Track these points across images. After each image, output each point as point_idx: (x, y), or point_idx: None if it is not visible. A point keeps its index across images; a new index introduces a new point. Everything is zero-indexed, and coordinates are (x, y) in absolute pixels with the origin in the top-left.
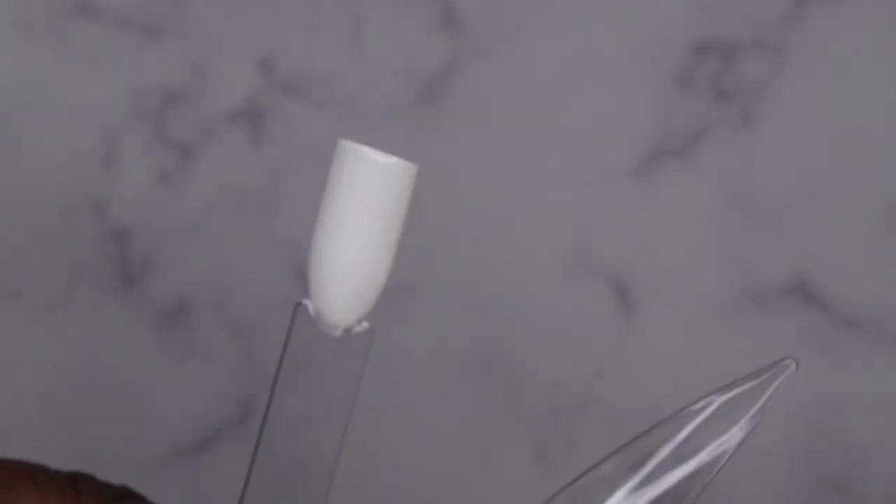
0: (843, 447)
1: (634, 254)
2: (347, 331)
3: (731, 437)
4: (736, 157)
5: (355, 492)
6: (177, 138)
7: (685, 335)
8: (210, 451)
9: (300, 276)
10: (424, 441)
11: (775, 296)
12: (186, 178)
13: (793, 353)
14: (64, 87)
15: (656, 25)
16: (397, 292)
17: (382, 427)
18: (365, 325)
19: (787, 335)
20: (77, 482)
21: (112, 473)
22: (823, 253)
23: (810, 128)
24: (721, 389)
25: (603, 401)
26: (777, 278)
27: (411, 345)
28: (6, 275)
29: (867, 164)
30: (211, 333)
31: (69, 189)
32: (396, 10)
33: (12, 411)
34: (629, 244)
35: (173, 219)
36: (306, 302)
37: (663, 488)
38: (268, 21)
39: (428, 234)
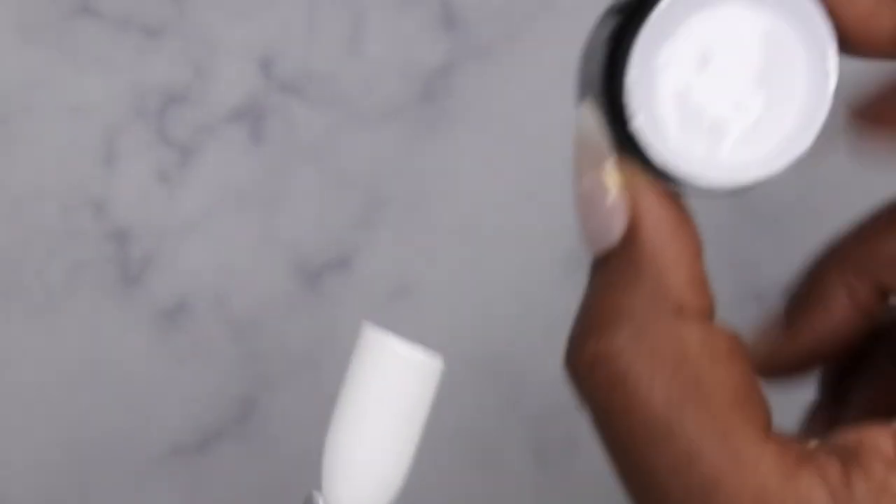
0: None
1: None
2: None
3: None
4: None
5: None
6: (177, 138)
7: None
8: (210, 451)
9: (300, 275)
10: (424, 441)
11: (775, 296)
12: (186, 177)
13: None
14: (65, 86)
15: None
16: (397, 292)
17: None
18: None
19: None
20: None
21: (112, 473)
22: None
23: None
24: None
25: None
26: (777, 278)
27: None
28: (6, 274)
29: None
30: (211, 333)
31: (70, 188)
32: (396, 10)
33: (12, 411)
34: None
35: (173, 218)
36: (316, 494)
37: None
38: (268, 21)
39: (428, 233)
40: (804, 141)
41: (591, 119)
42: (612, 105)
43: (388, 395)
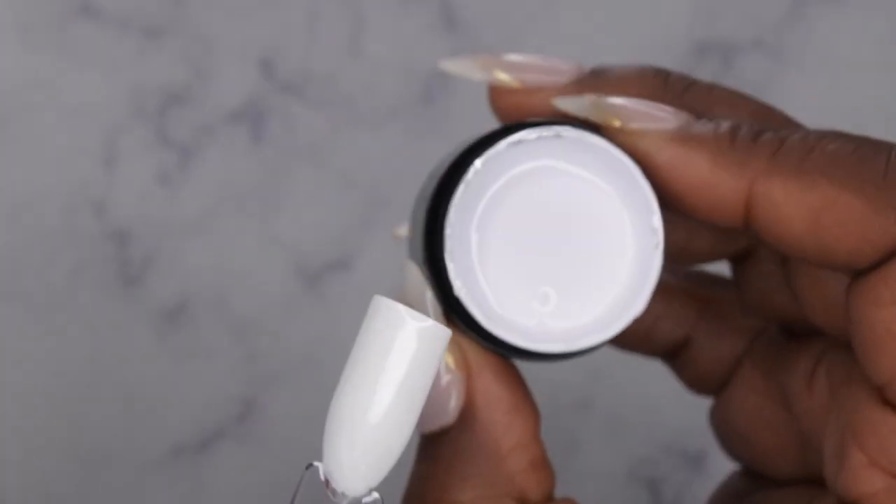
0: None
1: None
2: (356, 501)
3: None
4: None
5: None
6: (177, 138)
7: None
8: (210, 451)
9: (300, 275)
10: None
11: None
12: (187, 178)
13: None
14: (65, 87)
15: (656, 25)
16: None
17: None
18: (375, 495)
19: None
20: None
21: (112, 473)
22: None
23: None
24: None
25: (603, 401)
26: None
27: None
28: (7, 275)
29: None
30: (211, 333)
31: (70, 189)
32: (396, 10)
33: (12, 411)
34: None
35: (174, 219)
36: (317, 464)
37: None
38: (268, 21)
39: None
40: (638, 303)
41: (416, 283)
42: (433, 269)
43: (394, 360)
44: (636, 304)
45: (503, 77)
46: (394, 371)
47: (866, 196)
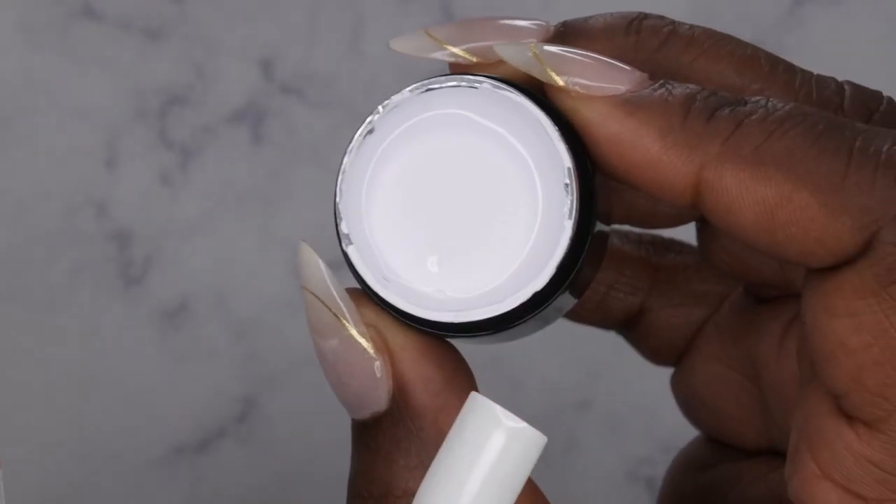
0: None
1: None
2: None
3: None
4: None
5: None
6: (178, 139)
7: None
8: (210, 451)
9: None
10: None
11: None
12: (187, 178)
13: None
14: (66, 88)
15: None
16: None
17: None
18: None
19: None
20: None
21: (112, 473)
22: None
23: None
24: None
25: (603, 401)
26: None
27: None
28: (7, 275)
29: None
30: (211, 333)
31: (71, 190)
32: (396, 10)
33: (12, 411)
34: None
35: (174, 219)
36: None
37: None
38: (268, 22)
39: None
40: (541, 277)
41: (313, 263)
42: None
43: (484, 459)
44: (539, 277)
45: (458, 52)
46: (482, 470)
47: (823, 197)
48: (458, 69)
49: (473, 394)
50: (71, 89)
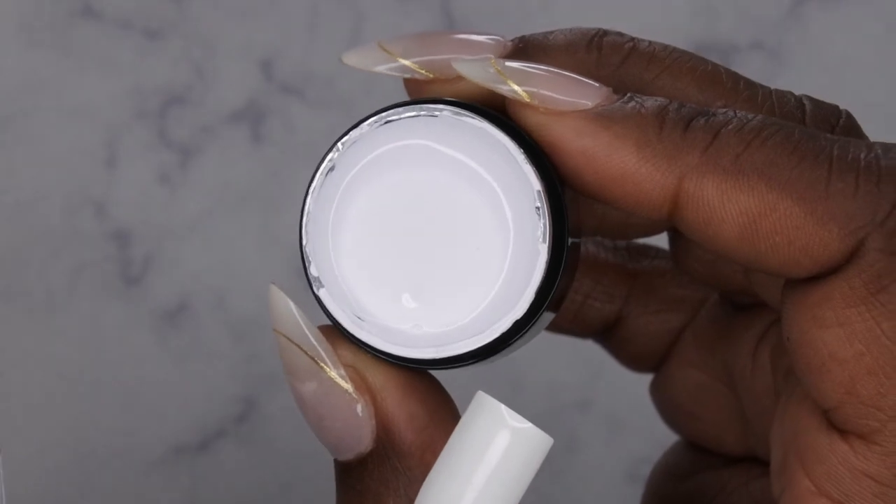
0: None
1: None
2: None
3: None
4: None
5: None
6: (177, 139)
7: None
8: (210, 451)
9: (300, 275)
10: None
11: None
12: (187, 178)
13: None
14: (66, 88)
15: (655, 26)
16: None
17: None
18: None
19: None
20: None
21: (112, 473)
22: None
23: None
24: None
25: (603, 401)
26: None
27: None
28: (7, 275)
29: None
30: (211, 333)
31: (71, 189)
32: (396, 11)
33: (12, 411)
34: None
35: (174, 219)
36: None
37: None
38: (268, 21)
39: None
40: (520, 305)
41: (283, 305)
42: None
43: (488, 458)
44: (519, 304)
45: (412, 66)
46: (486, 469)
47: (808, 205)
48: (413, 86)
49: (480, 393)
50: (71, 89)
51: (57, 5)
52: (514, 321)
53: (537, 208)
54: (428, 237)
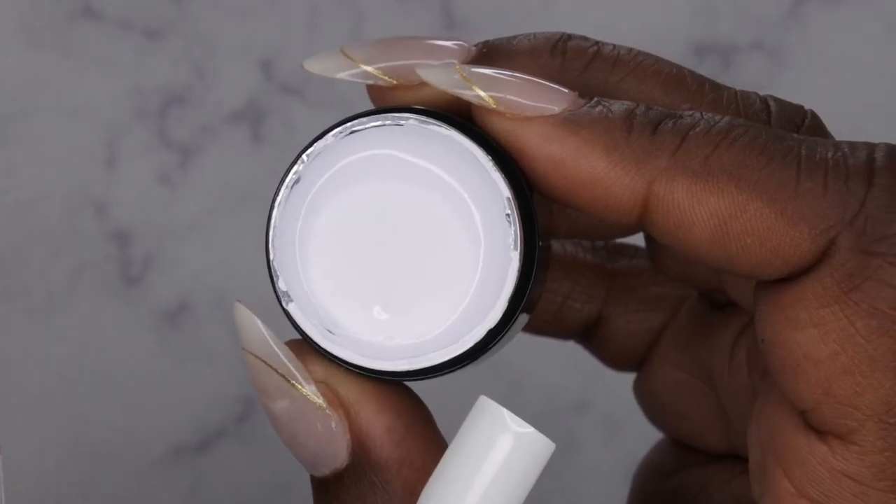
0: None
1: None
2: None
3: None
4: None
5: None
6: (177, 139)
7: None
8: (210, 451)
9: None
10: None
11: None
12: (187, 178)
13: None
14: (66, 88)
15: (655, 26)
16: None
17: None
18: None
19: None
20: None
21: (113, 473)
22: None
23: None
24: None
25: (600, 402)
26: None
27: None
28: (7, 275)
29: None
30: (211, 333)
31: (71, 189)
32: (396, 11)
33: (12, 411)
34: (628, 242)
35: (174, 219)
36: None
37: None
38: (268, 22)
39: None
40: (493, 314)
41: (251, 323)
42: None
43: (489, 462)
44: (492, 312)
45: (375, 72)
46: (488, 474)
47: (779, 206)
48: (377, 93)
49: (482, 397)
50: (71, 89)
51: (57, 5)
52: (487, 330)
53: (507, 215)
54: (397, 247)
